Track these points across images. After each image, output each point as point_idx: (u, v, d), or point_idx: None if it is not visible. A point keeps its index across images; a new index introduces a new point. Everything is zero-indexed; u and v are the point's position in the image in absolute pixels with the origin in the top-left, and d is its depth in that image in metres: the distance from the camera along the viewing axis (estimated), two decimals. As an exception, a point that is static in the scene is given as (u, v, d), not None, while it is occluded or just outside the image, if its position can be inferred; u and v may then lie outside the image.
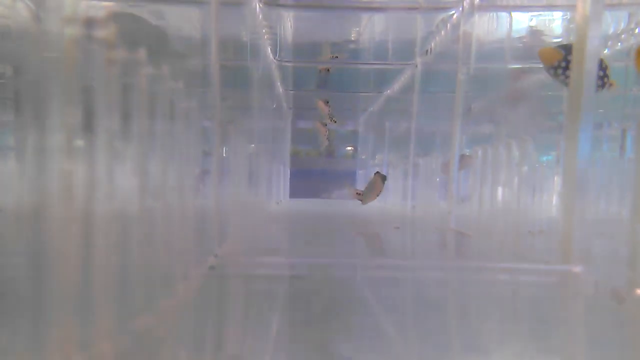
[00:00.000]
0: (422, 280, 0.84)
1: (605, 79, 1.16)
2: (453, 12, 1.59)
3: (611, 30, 1.56)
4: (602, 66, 1.15)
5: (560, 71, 1.19)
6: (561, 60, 1.15)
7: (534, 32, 1.79)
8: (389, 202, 2.42)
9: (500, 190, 1.20)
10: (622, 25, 1.56)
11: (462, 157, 1.64)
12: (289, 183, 3.05)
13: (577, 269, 0.86)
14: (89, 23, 0.45)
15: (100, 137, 0.47)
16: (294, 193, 3.08)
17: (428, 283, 0.82)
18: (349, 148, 3.51)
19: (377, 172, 1.59)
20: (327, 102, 2.34)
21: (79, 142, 0.43)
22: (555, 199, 1.35)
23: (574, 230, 0.88)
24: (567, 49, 1.16)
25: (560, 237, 0.91)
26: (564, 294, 0.78)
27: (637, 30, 1.49)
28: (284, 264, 0.95)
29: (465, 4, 1.48)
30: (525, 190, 1.10)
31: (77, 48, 0.42)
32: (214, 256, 0.90)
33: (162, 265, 0.65)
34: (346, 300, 0.68)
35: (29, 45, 0.41)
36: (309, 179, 3.22)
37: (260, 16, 1.51)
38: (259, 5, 1.43)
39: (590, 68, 0.89)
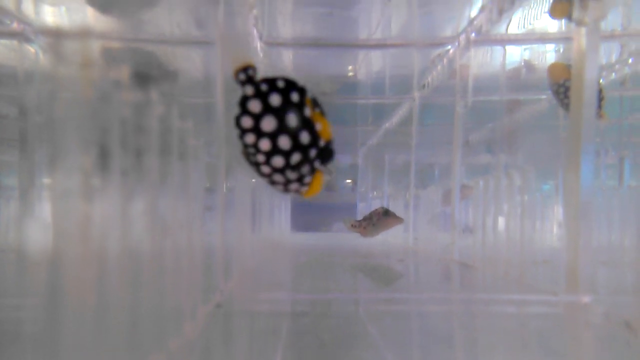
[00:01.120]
0: (429, 314, 0.83)
1: (597, 110, 1.18)
2: (449, 47, 1.62)
3: (604, 61, 1.59)
4: (599, 96, 1.17)
5: (562, 89, 1.20)
6: (567, 79, 1.16)
7: (528, 65, 1.83)
8: (390, 234, 2.42)
9: (502, 220, 1.21)
10: (615, 56, 1.60)
11: (462, 187, 1.65)
12: (290, 217, 3.05)
13: (586, 299, 0.85)
14: (104, 65, 0.47)
15: (114, 177, 0.47)
16: (295, 227, 3.07)
17: (435, 317, 0.82)
18: (348, 181, 3.52)
19: (385, 208, 1.58)
20: None
21: (94, 182, 0.44)
22: (556, 228, 1.36)
23: (580, 260, 0.88)
24: None
25: (565, 267, 0.92)
26: (574, 325, 0.78)
27: (630, 61, 1.53)
28: (289, 299, 0.94)
29: (460, 39, 1.52)
30: (527, 220, 1.11)
31: (92, 89, 0.44)
32: (220, 293, 0.90)
33: (172, 304, 0.65)
34: (354, 336, 0.68)
35: (46, 87, 0.43)
36: (310, 212, 3.22)
37: (262, 54, 1.55)
38: (260, 44, 1.47)
39: (589, 98, 0.91)
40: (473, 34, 1.45)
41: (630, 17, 1.45)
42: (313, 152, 0.64)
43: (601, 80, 1.32)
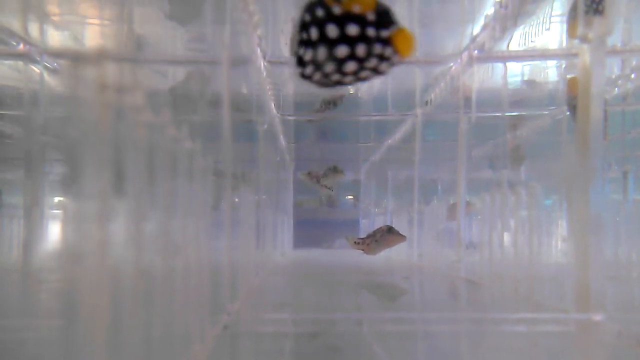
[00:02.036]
0: (436, 334, 0.83)
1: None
2: (451, 64, 1.63)
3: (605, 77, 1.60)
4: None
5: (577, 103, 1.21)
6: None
7: (529, 81, 1.84)
8: (394, 251, 2.41)
9: (508, 236, 1.20)
10: (617, 72, 1.61)
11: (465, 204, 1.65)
12: (292, 234, 3.04)
13: (598, 317, 0.85)
14: (120, 88, 0.47)
15: (129, 199, 0.47)
16: (298, 244, 3.07)
17: (443, 337, 0.81)
18: (350, 197, 3.52)
19: (389, 226, 1.57)
20: (309, 173, 2.39)
21: (111, 205, 0.44)
22: (560, 244, 1.35)
23: (591, 277, 0.87)
24: None
25: (575, 283, 0.91)
26: (588, 345, 0.77)
27: (632, 76, 1.53)
28: (296, 320, 0.94)
29: (463, 56, 1.53)
30: (534, 236, 1.10)
31: (109, 113, 0.43)
32: (227, 314, 0.89)
33: (181, 326, 0.65)
34: (359, 358, 0.67)
35: (62, 109, 0.42)
36: (312, 229, 3.21)
37: (265, 73, 1.56)
38: (263, 63, 1.48)
39: (596, 113, 0.91)
40: (476, 52, 1.46)
41: (631, 33, 1.46)
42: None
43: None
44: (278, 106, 1.96)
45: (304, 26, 0.63)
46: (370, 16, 0.62)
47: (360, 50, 0.61)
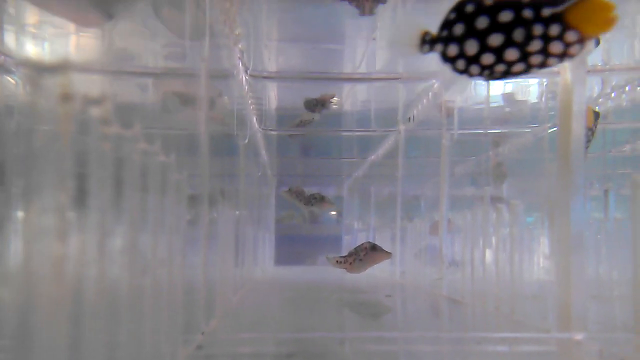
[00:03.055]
0: (419, 354, 0.81)
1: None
2: (434, 81, 1.63)
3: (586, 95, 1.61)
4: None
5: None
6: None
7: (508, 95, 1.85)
8: (377, 268, 2.39)
9: (491, 254, 1.19)
10: (597, 91, 1.62)
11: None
12: (274, 250, 3.01)
13: (579, 336, 0.84)
14: (85, 100, 0.45)
15: (92, 214, 0.45)
16: (279, 260, 3.03)
17: (425, 357, 0.79)
18: (333, 213, 3.50)
19: (372, 243, 1.53)
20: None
21: (71, 219, 0.42)
22: (542, 262, 1.34)
23: (573, 297, 0.86)
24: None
25: (557, 303, 0.90)
26: (570, 365, 0.75)
27: (612, 95, 1.55)
28: (274, 339, 0.91)
29: (446, 73, 1.53)
30: (515, 254, 1.09)
31: (71, 123, 0.41)
32: (201, 334, 0.86)
33: (151, 347, 0.62)
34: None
35: (24, 120, 0.40)
36: (294, 245, 3.18)
37: (247, 87, 1.54)
38: (245, 77, 1.46)
39: (578, 131, 0.91)
40: (458, 68, 1.46)
41: (610, 52, 1.48)
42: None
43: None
44: (260, 121, 1.94)
45: (448, 23, 0.62)
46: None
47: (518, 35, 0.59)
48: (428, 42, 0.66)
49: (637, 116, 1.71)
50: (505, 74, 0.63)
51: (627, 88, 1.53)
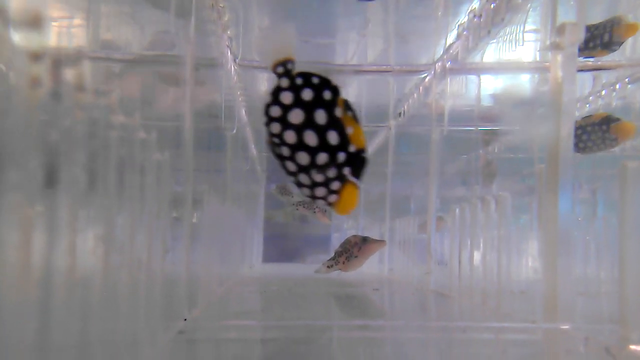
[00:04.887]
0: (404, 341, 0.80)
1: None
2: (425, 75, 1.63)
3: (578, 94, 1.61)
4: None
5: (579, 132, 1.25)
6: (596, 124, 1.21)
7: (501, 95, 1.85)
8: (365, 265, 2.38)
9: (479, 250, 1.18)
10: (588, 89, 1.62)
11: (436, 219, 1.63)
12: (262, 247, 2.99)
13: (565, 326, 0.83)
14: (56, 63, 0.43)
15: (64, 196, 0.43)
16: (267, 257, 3.01)
17: (410, 344, 0.78)
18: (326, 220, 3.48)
19: (361, 236, 1.45)
20: (277, 187, 2.36)
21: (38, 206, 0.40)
22: (531, 261, 1.34)
23: (559, 288, 0.85)
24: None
25: (544, 294, 0.89)
26: (554, 352, 0.74)
27: (603, 92, 1.55)
28: (257, 326, 0.90)
29: (437, 67, 1.52)
30: (504, 251, 1.09)
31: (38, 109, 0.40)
32: (183, 320, 0.85)
33: (127, 331, 0.60)
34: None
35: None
36: (282, 243, 3.16)
37: (235, 77, 1.52)
38: (234, 67, 1.44)
39: (567, 130, 0.91)
40: (449, 62, 1.45)
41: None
42: (342, 156, 0.61)
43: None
44: (249, 114, 1.92)
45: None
46: None
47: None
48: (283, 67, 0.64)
49: (628, 115, 1.71)
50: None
51: (617, 86, 1.53)
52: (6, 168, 0.36)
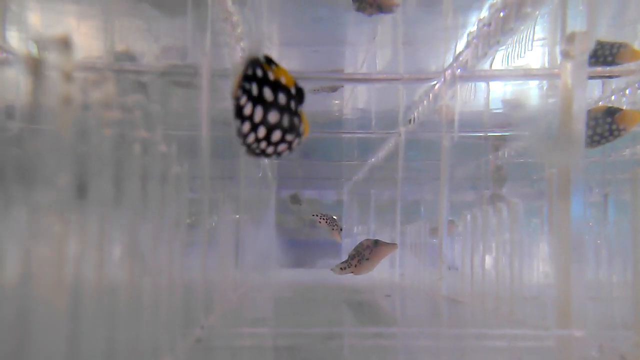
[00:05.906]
0: (417, 349, 0.81)
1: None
2: (435, 82, 1.64)
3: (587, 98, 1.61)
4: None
5: (592, 123, 1.25)
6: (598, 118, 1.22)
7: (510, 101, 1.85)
8: (376, 270, 2.39)
9: (491, 255, 1.19)
10: (597, 94, 1.63)
11: (447, 223, 1.64)
12: (274, 252, 3.00)
13: (579, 333, 0.83)
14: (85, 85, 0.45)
15: (92, 207, 0.45)
16: (280, 263, 3.02)
17: (423, 351, 0.79)
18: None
19: (373, 239, 1.48)
20: (289, 196, 2.37)
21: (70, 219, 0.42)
22: (542, 266, 1.34)
23: (572, 294, 0.86)
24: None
25: (556, 301, 0.90)
26: (570, 359, 0.75)
27: (613, 98, 1.55)
28: (272, 334, 0.91)
29: (446, 74, 1.54)
30: (516, 256, 1.09)
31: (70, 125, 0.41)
32: (200, 328, 0.86)
33: (149, 339, 0.62)
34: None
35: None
36: (294, 249, 3.17)
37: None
38: (246, 76, 1.46)
39: (578, 134, 0.91)
40: (459, 70, 1.47)
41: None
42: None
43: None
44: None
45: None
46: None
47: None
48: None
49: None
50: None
51: (627, 91, 1.54)
52: (39, 186, 0.38)
